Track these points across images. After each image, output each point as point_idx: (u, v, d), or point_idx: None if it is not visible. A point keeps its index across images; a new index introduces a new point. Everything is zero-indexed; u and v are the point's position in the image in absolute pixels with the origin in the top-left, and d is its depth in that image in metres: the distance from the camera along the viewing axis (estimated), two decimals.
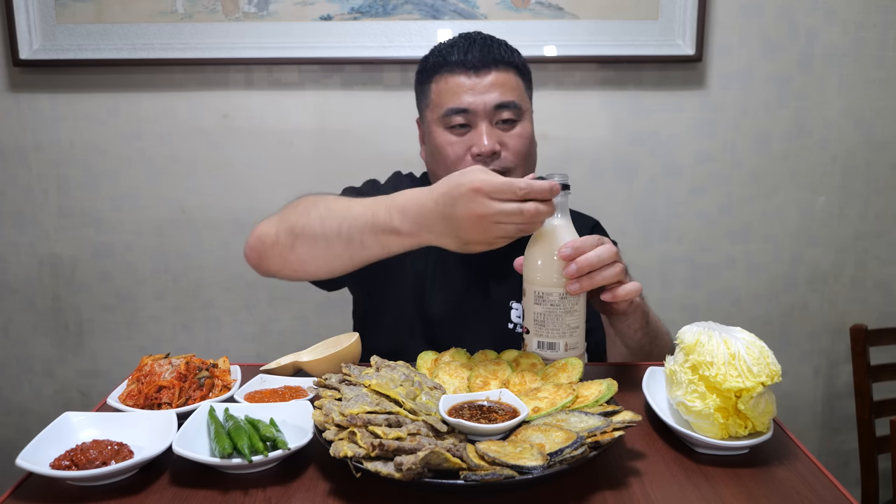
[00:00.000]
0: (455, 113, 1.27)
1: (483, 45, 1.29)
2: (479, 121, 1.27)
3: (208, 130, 1.90)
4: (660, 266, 1.98)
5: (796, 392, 2.05)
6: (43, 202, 1.93)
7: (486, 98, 1.26)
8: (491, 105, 1.26)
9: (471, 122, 1.27)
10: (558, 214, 1.02)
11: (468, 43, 1.29)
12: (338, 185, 1.38)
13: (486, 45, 1.29)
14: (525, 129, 1.30)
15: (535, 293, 1.02)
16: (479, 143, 1.25)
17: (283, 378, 1.04)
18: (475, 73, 1.27)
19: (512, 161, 1.28)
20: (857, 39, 1.87)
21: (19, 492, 0.79)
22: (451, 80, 1.28)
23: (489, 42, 1.30)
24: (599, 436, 0.78)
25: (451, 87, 1.28)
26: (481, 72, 1.27)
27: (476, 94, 1.26)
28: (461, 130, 1.28)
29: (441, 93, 1.29)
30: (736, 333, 0.88)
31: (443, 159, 1.30)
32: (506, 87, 1.28)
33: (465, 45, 1.29)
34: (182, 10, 1.81)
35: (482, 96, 1.26)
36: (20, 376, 2.02)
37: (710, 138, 1.91)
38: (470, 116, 1.27)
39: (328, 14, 1.81)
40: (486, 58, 1.27)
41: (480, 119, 1.27)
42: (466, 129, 1.28)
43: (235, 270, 1.95)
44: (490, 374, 0.99)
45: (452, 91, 1.27)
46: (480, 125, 1.26)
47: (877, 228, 1.98)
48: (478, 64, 1.27)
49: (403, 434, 0.76)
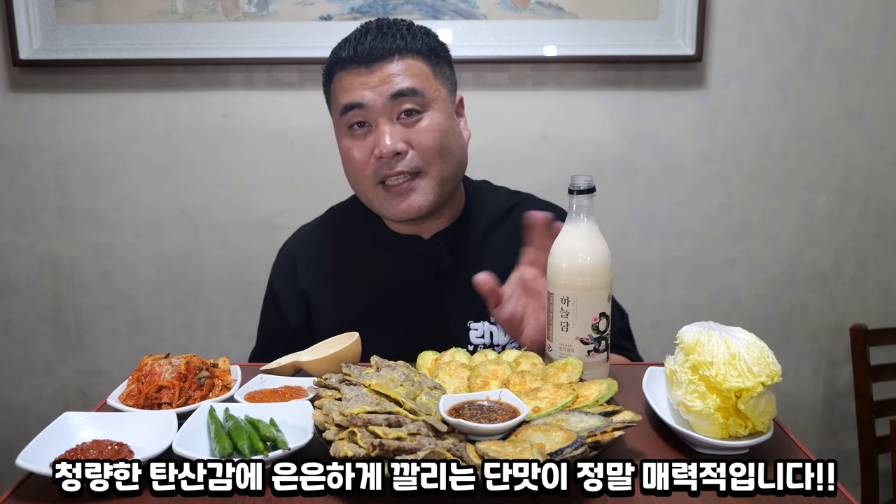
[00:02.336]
0: (350, 109, 1.17)
1: (378, 33, 1.17)
2: (378, 117, 1.16)
3: (208, 130, 1.90)
4: (660, 266, 1.98)
5: (796, 392, 2.05)
6: (43, 202, 1.93)
7: (381, 89, 1.15)
8: (387, 96, 1.15)
9: (370, 121, 1.17)
10: (583, 217, 1.01)
11: (360, 35, 1.18)
12: (338, 185, 1.38)
13: (382, 33, 1.17)
14: (434, 121, 1.17)
15: (560, 297, 1.01)
16: (380, 143, 1.15)
17: (283, 378, 1.04)
18: (367, 67, 1.16)
19: (421, 160, 1.17)
20: (857, 39, 1.87)
21: (19, 492, 0.79)
22: (345, 77, 1.18)
23: (385, 30, 1.18)
24: (599, 436, 0.78)
25: (345, 85, 1.18)
26: (374, 65, 1.16)
27: (369, 87, 1.16)
28: (361, 132, 1.18)
29: (337, 92, 1.20)
30: (736, 333, 0.88)
31: (349, 165, 1.21)
32: (403, 75, 1.16)
33: (357, 38, 1.18)
34: (182, 10, 1.81)
35: (377, 88, 1.15)
36: (20, 376, 2.02)
37: (710, 138, 1.91)
38: (367, 114, 1.16)
39: (328, 14, 1.81)
40: (378, 48, 1.16)
41: (379, 115, 1.16)
42: (367, 128, 1.18)
43: (235, 270, 1.95)
44: (490, 374, 0.99)
45: (345, 88, 1.18)
46: (381, 123, 1.16)
47: (877, 228, 1.98)
48: (369, 56, 1.16)
49: (403, 434, 0.76)
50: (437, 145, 1.17)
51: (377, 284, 1.29)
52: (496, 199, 1.35)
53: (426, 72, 1.18)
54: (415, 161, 1.17)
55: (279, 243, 1.41)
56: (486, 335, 1.25)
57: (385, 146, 1.14)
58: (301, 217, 1.47)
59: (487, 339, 1.25)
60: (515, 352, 1.07)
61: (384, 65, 1.16)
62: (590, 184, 1.00)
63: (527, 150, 1.90)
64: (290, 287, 1.33)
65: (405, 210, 1.19)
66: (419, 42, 1.18)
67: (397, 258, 1.29)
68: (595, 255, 1.00)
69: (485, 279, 1.06)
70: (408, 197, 1.18)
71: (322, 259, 1.33)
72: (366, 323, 1.23)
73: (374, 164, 1.17)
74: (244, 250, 1.95)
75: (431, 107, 1.18)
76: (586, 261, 0.99)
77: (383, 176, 1.18)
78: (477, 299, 1.22)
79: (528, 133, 1.91)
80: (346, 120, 1.18)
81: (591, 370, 1.01)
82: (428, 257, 1.27)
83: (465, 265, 1.26)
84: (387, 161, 1.16)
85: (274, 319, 1.35)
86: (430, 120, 1.17)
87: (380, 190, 1.20)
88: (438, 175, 1.19)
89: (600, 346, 1.01)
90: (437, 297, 1.26)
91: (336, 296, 1.30)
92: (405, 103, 1.15)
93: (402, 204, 1.19)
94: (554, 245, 1.03)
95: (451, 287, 1.26)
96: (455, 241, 1.28)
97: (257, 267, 1.90)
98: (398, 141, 1.15)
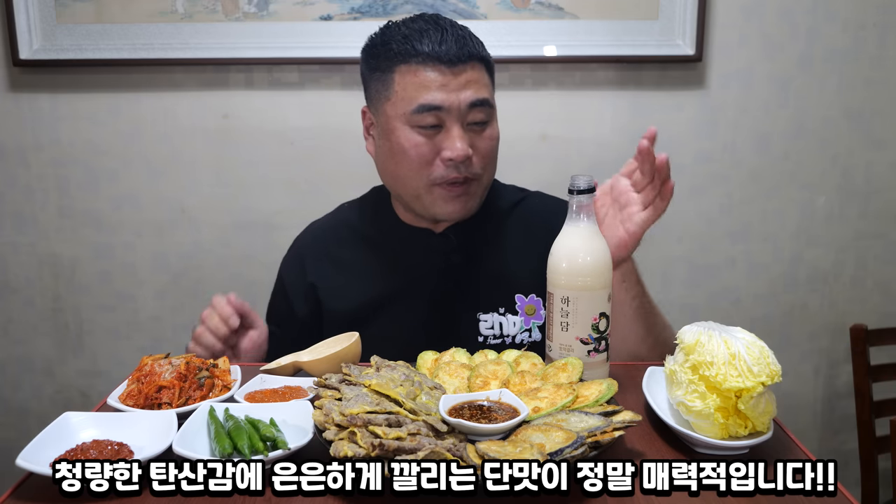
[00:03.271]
0: (427, 110, 1.15)
1: (457, 36, 1.16)
2: (452, 121, 1.16)
3: (208, 130, 1.90)
4: (660, 266, 1.98)
5: (796, 392, 2.05)
6: (43, 202, 1.93)
7: (461, 96, 1.15)
8: (465, 104, 1.15)
9: (442, 122, 1.17)
10: (584, 217, 1.01)
11: (440, 32, 1.16)
12: (338, 185, 1.38)
13: (461, 36, 1.17)
14: (494, 131, 1.22)
15: (560, 297, 1.01)
16: (453, 146, 1.15)
17: (283, 378, 1.04)
18: (450, 68, 1.15)
19: (480, 167, 1.21)
20: (857, 39, 1.87)
21: (19, 492, 0.79)
22: (421, 72, 1.15)
23: (462, 33, 1.18)
24: (599, 436, 0.78)
25: (422, 82, 1.15)
26: (457, 67, 1.15)
27: (450, 91, 1.15)
28: (431, 131, 1.17)
29: (409, 86, 1.16)
30: (736, 333, 0.88)
31: (406, 161, 1.19)
32: (479, 83, 1.17)
33: (438, 35, 1.16)
34: (182, 10, 1.81)
35: (457, 94, 1.15)
36: (20, 376, 2.02)
37: (710, 138, 1.91)
38: (442, 115, 1.16)
39: (328, 14, 1.81)
40: (461, 51, 1.15)
41: (453, 120, 1.16)
42: (436, 129, 1.17)
43: (235, 270, 1.95)
44: (490, 374, 0.99)
45: (423, 86, 1.15)
46: (453, 127, 1.16)
47: (877, 228, 1.98)
48: (453, 58, 1.15)
49: (403, 434, 0.76)
50: (494, 154, 1.22)
51: (388, 276, 1.31)
52: (504, 195, 1.37)
53: (490, 81, 1.22)
54: (477, 167, 1.20)
55: (279, 243, 1.41)
56: (496, 326, 1.27)
57: (459, 151, 1.16)
58: (301, 217, 1.47)
59: (497, 331, 1.27)
60: (515, 352, 1.07)
61: (465, 69, 1.16)
62: (590, 184, 1.00)
63: (527, 150, 1.90)
64: (299, 280, 1.35)
65: (459, 211, 1.23)
66: (484, 50, 1.21)
67: (409, 251, 1.31)
68: (595, 255, 1.00)
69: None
70: (463, 199, 1.22)
71: (332, 252, 1.35)
72: (376, 315, 1.27)
73: (439, 166, 1.18)
74: (244, 250, 1.95)
75: (493, 116, 1.22)
76: (586, 261, 0.99)
77: (447, 178, 1.19)
78: (486, 291, 1.27)
79: (528, 133, 1.90)
80: (418, 119, 1.17)
81: (591, 370, 1.01)
82: (439, 250, 1.30)
83: (474, 258, 1.30)
84: (455, 165, 1.17)
85: (281, 308, 1.38)
86: (492, 129, 1.21)
87: (435, 189, 1.21)
88: (487, 181, 1.25)
89: (600, 346, 1.01)
90: (447, 289, 1.29)
91: (346, 287, 1.32)
92: (478, 113, 1.17)
93: (458, 205, 1.22)
94: (554, 245, 1.03)
95: (461, 279, 1.29)
96: (466, 235, 1.31)
97: (257, 267, 1.90)
98: (468, 146, 1.17)
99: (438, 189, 1.21)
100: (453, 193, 1.21)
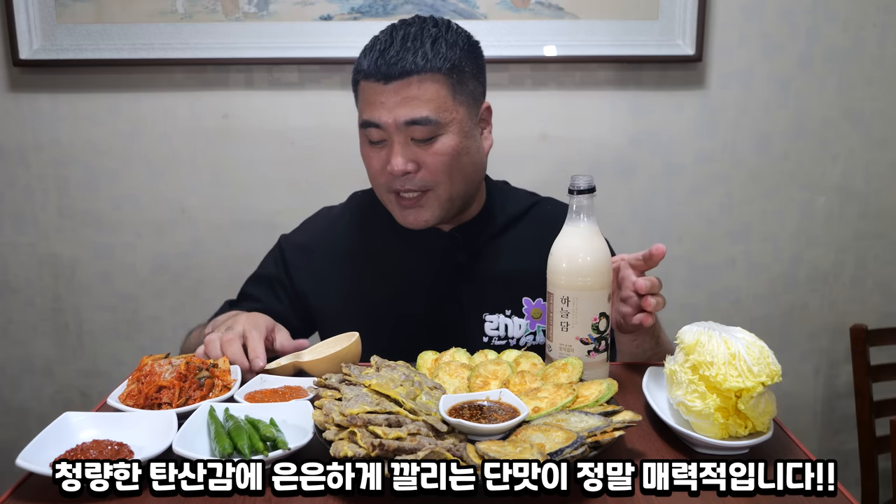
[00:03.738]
0: (368, 125, 1.19)
1: (400, 48, 1.16)
2: (392, 136, 1.18)
3: (208, 130, 1.89)
4: (660, 266, 1.96)
5: (796, 392, 2.05)
6: (43, 202, 1.93)
7: (395, 113, 1.15)
8: (401, 122, 1.16)
9: (386, 138, 1.19)
10: (584, 217, 1.01)
11: (385, 45, 1.17)
12: (338, 185, 1.38)
13: (404, 48, 1.15)
14: (446, 145, 1.18)
15: (560, 297, 1.01)
16: (392, 162, 1.18)
17: (283, 378, 1.04)
18: (385, 84, 1.15)
19: (431, 179, 1.20)
20: (857, 39, 1.87)
21: (19, 492, 0.79)
22: (366, 88, 1.19)
23: (409, 44, 1.16)
24: (599, 436, 0.79)
25: (366, 97, 1.19)
26: (391, 84, 1.15)
27: (386, 108, 1.16)
28: (379, 145, 1.21)
29: (360, 100, 1.22)
30: (736, 333, 0.88)
31: (368, 169, 1.26)
32: (420, 99, 1.15)
33: (381, 49, 1.17)
34: (182, 10, 1.81)
35: (392, 112, 1.15)
36: (20, 376, 2.02)
37: (710, 138, 1.91)
38: (383, 132, 1.18)
39: (328, 14, 1.81)
40: (398, 66, 1.14)
41: (393, 134, 1.17)
42: (383, 144, 1.20)
43: (236, 270, 1.94)
44: (490, 374, 0.99)
45: (366, 101, 1.19)
46: (394, 143, 1.18)
47: (877, 228, 1.98)
48: (388, 73, 1.15)
49: (403, 434, 0.76)
50: (446, 168, 1.20)
51: (394, 274, 1.32)
52: (515, 199, 1.40)
53: (444, 94, 1.17)
54: (424, 180, 1.20)
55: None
56: (501, 328, 1.29)
57: (394, 166, 1.17)
58: (301, 217, 1.47)
59: (502, 332, 1.29)
60: (515, 352, 1.07)
61: (401, 86, 1.15)
62: (590, 184, 1.00)
63: (527, 150, 1.90)
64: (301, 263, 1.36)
65: (412, 222, 1.25)
66: (441, 60, 1.16)
67: (416, 249, 1.32)
68: (595, 255, 1.00)
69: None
70: (415, 210, 1.24)
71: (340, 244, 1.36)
72: (382, 311, 1.30)
73: (386, 177, 1.21)
74: (244, 250, 1.94)
75: (446, 130, 1.18)
76: (586, 261, 0.99)
77: (395, 189, 1.22)
78: (492, 292, 1.29)
79: (528, 133, 1.91)
80: (364, 132, 1.22)
81: (591, 370, 1.01)
82: (446, 250, 1.31)
83: (481, 259, 1.31)
84: (397, 178, 1.20)
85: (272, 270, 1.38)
86: (442, 143, 1.18)
87: (392, 198, 1.24)
88: (446, 193, 1.23)
89: (600, 346, 1.01)
90: (453, 288, 1.30)
91: (352, 281, 1.33)
92: (416, 131, 1.17)
93: (410, 216, 1.24)
94: (554, 245, 1.03)
95: (467, 279, 1.30)
96: (473, 236, 1.33)
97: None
98: (408, 161, 1.18)
99: (394, 198, 1.24)
100: (403, 205, 1.23)
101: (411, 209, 1.23)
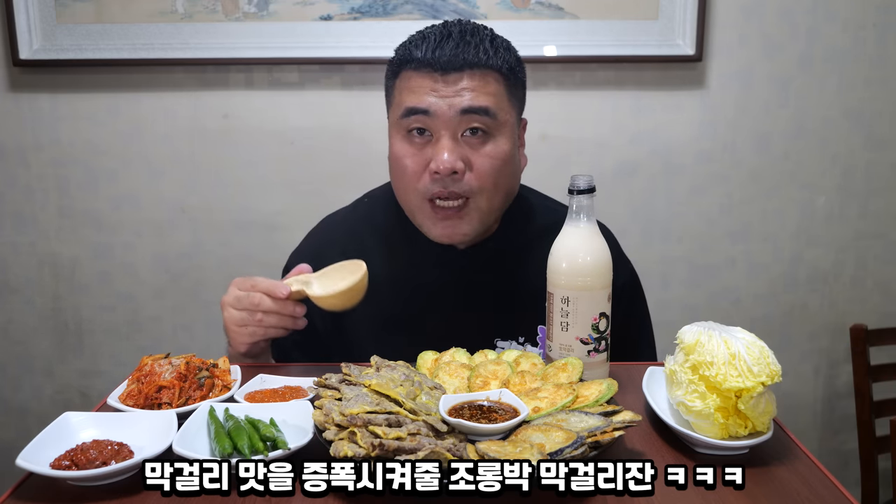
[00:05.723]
0: (413, 113, 1.08)
1: (460, 40, 1.08)
2: (442, 130, 1.08)
3: (208, 130, 1.90)
4: (660, 266, 1.98)
5: (796, 392, 2.05)
6: (43, 202, 1.93)
7: (452, 101, 1.07)
8: (457, 109, 1.07)
9: (432, 131, 1.09)
10: (583, 217, 1.01)
11: (441, 37, 1.09)
12: (338, 185, 1.38)
13: (464, 41, 1.08)
14: (498, 148, 1.11)
15: (560, 297, 1.01)
16: (439, 158, 1.07)
17: (283, 378, 1.04)
18: (442, 75, 1.08)
19: (476, 185, 1.10)
20: (856, 39, 1.87)
21: (19, 492, 0.79)
22: (414, 78, 1.09)
23: (468, 38, 1.09)
24: (599, 436, 0.78)
25: (413, 87, 1.09)
26: (450, 74, 1.07)
27: (440, 95, 1.07)
28: (420, 140, 1.10)
29: (403, 91, 1.11)
30: (736, 333, 0.88)
31: (398, 171, 1.13)
32: (479, 91, 1.08)
33: (437, 40, 1.09)
34: (182, 10, 1.81)
35: (448, 99, 1.07)
36: (20, 376, 2.02)
37: (710, 138, 1.91)
38: (431, 122, 1.08)
39: (328, 14, 1.81)
40: (457, 57, 1.07)
41: (443, 127, 1.08)
42: (427, 138, 1.10)
43: (235, 270, 1.94)
44: (490, 374, 0.99)
45: (413, 90, 1.09)
46: (442, 136, 1.08)
47: (877, 228, 1.98)
48: (446, 64, 1.07)
49: (403, 434, 0.76)
50: (495, 173, 1.11)
51: (404, 291, 1.22)
52: (543, 210, 1.29)
53: (501, 91, 1.11)
54: (469, 185, 1.10)
55: (279, 243, 1.41)
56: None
57: (444, 162, 1.07)
58: (301, 217, 1.47)
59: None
60: (515, 352, 1.07)
61: (461, 76, 1.08)
62: (590, 184, 1.00)
63: (527, 150, 1.89)
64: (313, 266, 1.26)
65: (448, 235, 1.14)
66: (500, 58, 1.10)
67: (428, 265, 1.22)
68: (595, 255, 1.00)
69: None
70: (453, 223, 1.13)
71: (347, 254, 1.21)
72: (390, 331, 1.20)
73: (427, 179, 1.10)
74: (244, 250, 1.95)
75: (499, 131, 1.11)
76: (586, 261, 0.99)
77: (434, 194, 1.11)
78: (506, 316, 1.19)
79: (528, 133, 1.88)
80: (405, 123, 1.10)
81: (591, 370, 1.01)
82: (460, 269, 1.22)
83: (500, 281, 1.22)
84: (441, 178, 1.08)
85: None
86: (495, 145, 1.11)
87: (427, 207, 1.13)
88: (487, 205, 1.13)
89: (600, 346, 1.01)
90: (466, 309, 1.21)
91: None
92: (474, 121, 1.08)
93: (447, 229, 1.14)
94: (554, 245, 1.03)
95: (481, 302, 1.21)
96: (490, 255, 1.22)
97: (257, 267, 1.89)
98: (458, 159, 1.08)
99: (429, 207, 1.13)
100: (440, 216, 1.13)
101: (449, 221, 1.12)
